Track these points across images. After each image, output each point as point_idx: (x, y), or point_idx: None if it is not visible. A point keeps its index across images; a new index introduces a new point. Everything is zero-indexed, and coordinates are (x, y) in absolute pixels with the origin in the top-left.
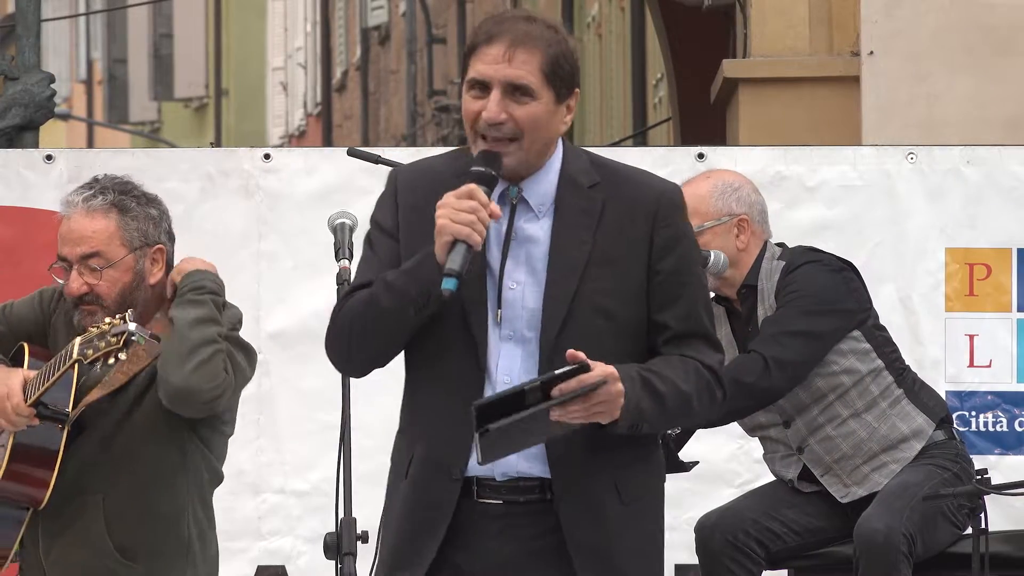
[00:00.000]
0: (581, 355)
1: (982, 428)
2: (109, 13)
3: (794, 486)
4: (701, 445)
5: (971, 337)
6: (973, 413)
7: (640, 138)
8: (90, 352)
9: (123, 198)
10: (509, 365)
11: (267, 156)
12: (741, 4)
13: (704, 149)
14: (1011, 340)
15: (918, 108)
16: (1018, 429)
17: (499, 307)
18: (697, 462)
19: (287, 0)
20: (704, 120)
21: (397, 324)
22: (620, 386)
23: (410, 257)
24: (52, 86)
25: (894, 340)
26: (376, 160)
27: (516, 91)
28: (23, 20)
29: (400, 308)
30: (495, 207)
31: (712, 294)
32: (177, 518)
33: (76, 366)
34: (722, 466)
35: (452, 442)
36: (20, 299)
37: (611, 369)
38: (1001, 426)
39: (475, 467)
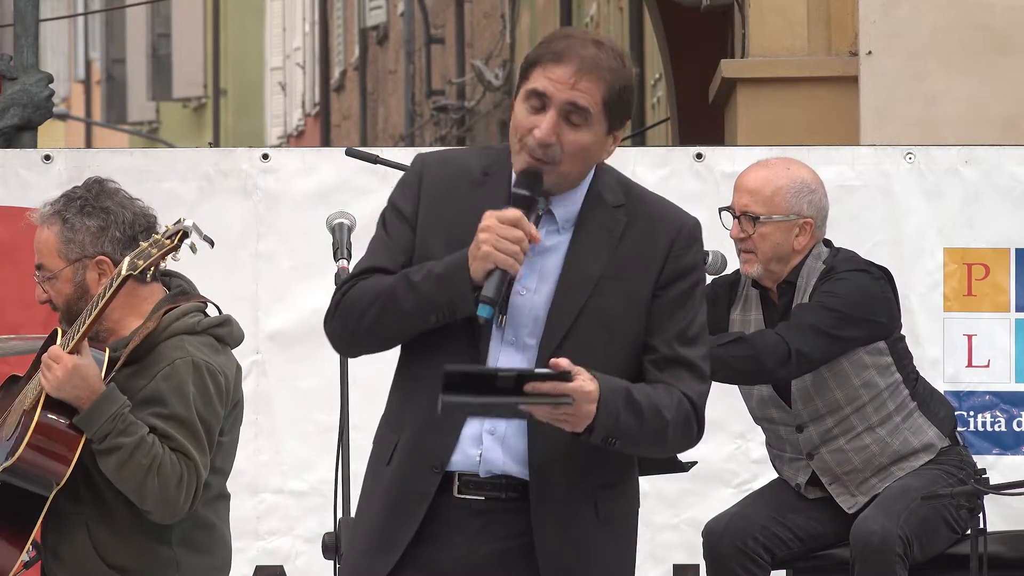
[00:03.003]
0: (564, 364)
1: (980, 428)
2: (107, 13)
3: (800, 491)
4: (700, 445)
5: (969, 337)
6: (971, 413)
7: (639, 138)
8: (141, 262)
9: (66, 209)
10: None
11: (265, 156)
12: (739, 4)
13: (702, 149)
14: (1009, 340)
15: (916, 108)
16: (1016, 429)
17: (504, 312)
18: (695, 462)
19: (285, 0)
20: (702, 120)
21: (414, 326)
22: (591, 408)
23: (424, 248)
24: (50, 86)
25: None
26: (374, 160)
27: (573, 115)
28: (21, 20)
29: (422, 313)
30: (536, 233)
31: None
32: (161, 535)
33: (126, 281)
34: (721, 466)
35: (438, 436)
36: None
37: (590, 389)
38: (999, 426)
39: (458, 462)
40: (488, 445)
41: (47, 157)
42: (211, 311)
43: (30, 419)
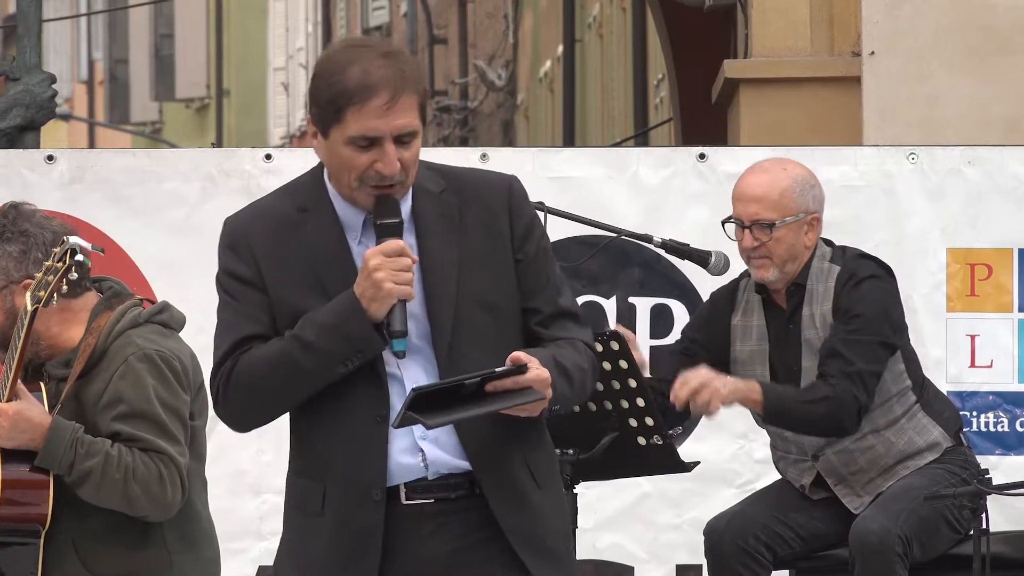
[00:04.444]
0: (522, 357)
1: (983, 428)
2: (110, 13)
3: (804, 493)
4: (702, 445)
5: (972, 337)
6: (974, 413)
7: (641, 139)
8: (43, 293)
9: None
10: (416, 376)
11: (268, 156)
12: (742, 4)
13: (705, 149)
14: (1012, 340)
15: (919, 108)
16: (1019, 429)
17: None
18: (698, 462)
19: (288, 0)
20: (705, 120)
21: (321, 381)
22: (549, 392)
23: (285, 304)
24: (53, 86)
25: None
26: None
27: (404, 136)
28: (24, 20)
29: (327, 367)
30: (413, 255)
31: (755, 283)
32: (149, 537)
33: (35, 315)
34: (723, 466)
35: (368, 467)
36: None
37: (546, 375)
38: (1002, 426)
39: (399, 476)
40: (428, 450)
41: (50, 158)
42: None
43: None
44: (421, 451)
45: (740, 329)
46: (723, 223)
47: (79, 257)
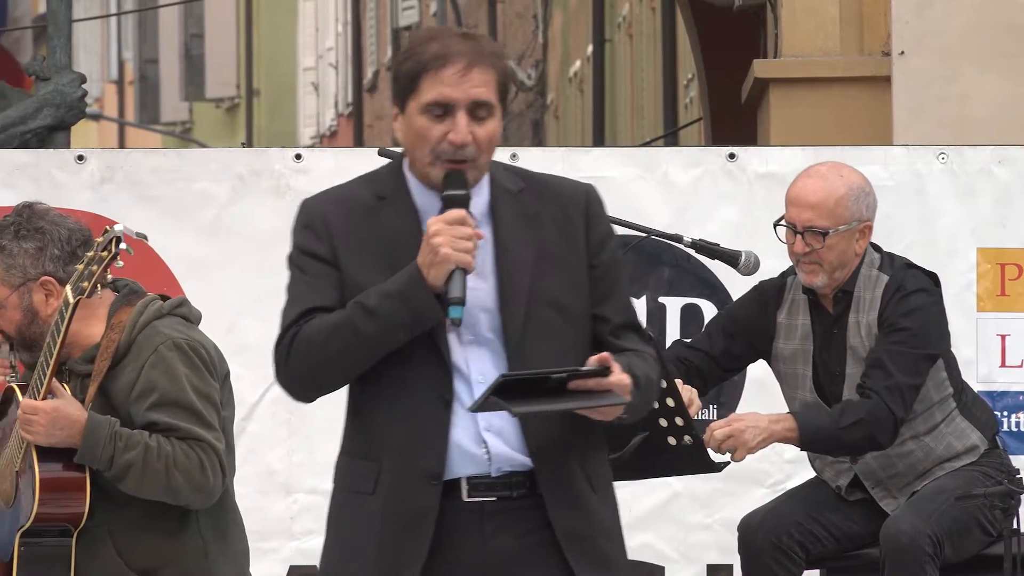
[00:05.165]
0: (609, 359)
1: (1014, 428)
2: (140, 13)
3: (840, 494)
4: None
5: (1003, 337)
6: (1005, 413)
7: (671, 138)
8: (86, 284)
9: (0, 236)
10: (481, 367)
11: (298, 156)
12: (772, 4)
13: (735, 149)
14: None
15: (949, 108)
16: None
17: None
18: (728, 462)
19: (318, 0)
20: (735, 120)
21: (381, 349)
22: (630, 397)
23: (357, 284)
24: (83, 86)
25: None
26: None
27: (478, 110)
28: (54, 20)
29: (387, 334)
30: (479, 231)
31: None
32: (185, 527)
33: (76, 308)
34: (754, 466)
35: (428, 450)
36: None
37: (628, 381)
38: None
39: (461, 467)
40: (492, 442)
41: (80, 157)
42: None
43: (29, 479)
44: (484, 443)
45: (785, 327)
46: (775, 225)
47: (123, 246)
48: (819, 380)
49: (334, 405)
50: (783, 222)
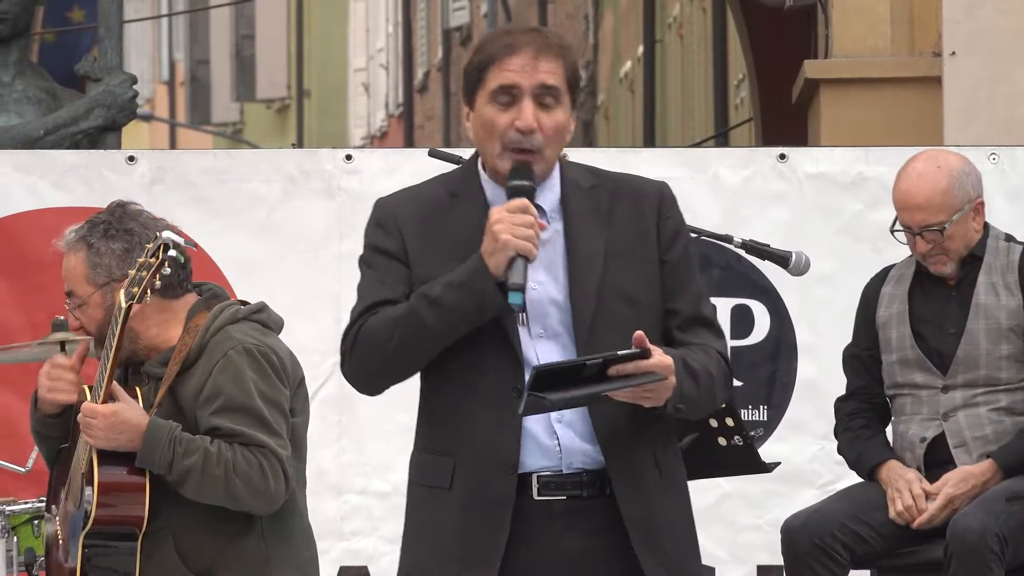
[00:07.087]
0: (645, 340)
1: None
2: (191, 14)
3: (920, 451)
4: (783, 446)
5: None
6: None
7: (721, 139)
8: (136, 290)
9: (90, 234)
10: (551, 361)
11: (349, 157)
12: (822, 4)
13: (786, 150)
14: None
15: (1000, 108)
16: None
17: (524, 309)
18: (779, 463)
19: (369, 1)
20: (786, 121)
21: (444, 340)
22: (673, 380)
23: (427, 279)
24: (134, 87)
25: None
26: (458, 161)
27: (545, 97)
28: (105, 21)
29: (451, 324)
30: (542, 221)
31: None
32: (248, 531)
33: (128, 312)
34: (804, 467)
35: (503, 440)
36: None
37: (669, 361)
38: None
39: (533, 461)
40: (562, 434)
41: (131, 158)
42: None
43: (90, 482)
44: (556, 434)
45: (887, 296)
46: (892, 232)
47: (172, 252)
48: (922, 338)
49: (382, 406)
50: (898, 226)
